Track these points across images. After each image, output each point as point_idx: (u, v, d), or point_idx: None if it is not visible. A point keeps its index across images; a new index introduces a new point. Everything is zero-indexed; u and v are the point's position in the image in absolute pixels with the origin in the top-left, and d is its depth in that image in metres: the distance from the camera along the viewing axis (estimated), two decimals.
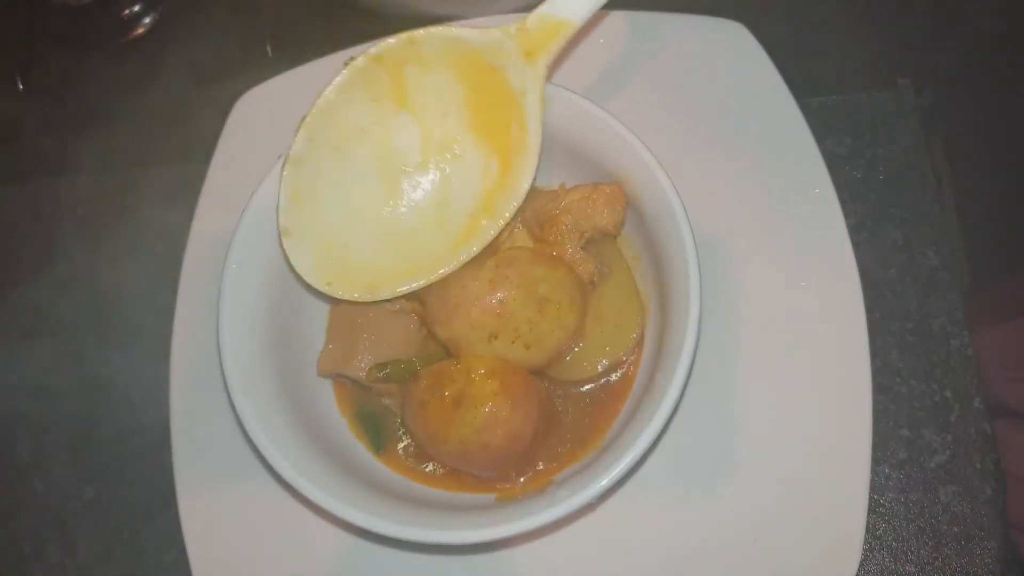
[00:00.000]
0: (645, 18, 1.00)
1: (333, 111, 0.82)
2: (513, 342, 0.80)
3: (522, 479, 0.84)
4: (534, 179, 0.83)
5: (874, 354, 0.86)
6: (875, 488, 0.90)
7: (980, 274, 1.05)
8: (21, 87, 1.22)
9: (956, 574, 0.87)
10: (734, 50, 0.97)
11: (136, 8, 1.21)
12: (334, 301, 0.87)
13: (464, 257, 0.82)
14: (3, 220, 1.15)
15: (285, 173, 0.82)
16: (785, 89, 0.95)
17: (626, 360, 0.87)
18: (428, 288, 0.83)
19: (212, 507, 0.88)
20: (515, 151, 0.83)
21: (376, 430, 0.89)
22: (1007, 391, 0.95)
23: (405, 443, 0.88)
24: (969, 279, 1.04)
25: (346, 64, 0.82)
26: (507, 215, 0.83)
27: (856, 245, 0.89)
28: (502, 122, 0.83)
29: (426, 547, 0.84)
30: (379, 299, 0.84)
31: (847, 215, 0.90)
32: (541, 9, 0.82)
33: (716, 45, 0.98)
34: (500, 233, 0.84)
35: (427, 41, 0.82)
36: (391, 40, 0.82)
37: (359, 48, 0.90)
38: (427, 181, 0.86)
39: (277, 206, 0.82)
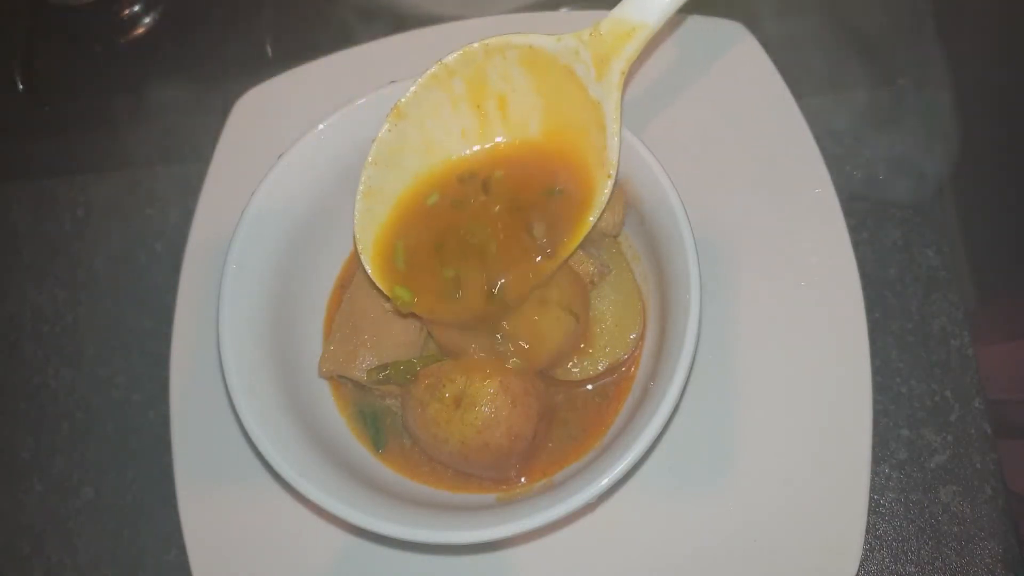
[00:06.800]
0: None
1: (418, 103, 0.81)
2: (513, 342, 0.80)
3: (522, 479, 0.84)
4: (611, 192, 0.80)
5: (874, 354, 0.86)
6: (875, 488, 0.90)
7: (980, 274, 1.05)
8: (21, 87, 1.22)
9: (956, 574, 0.87)
10: (734, 50, 0.97)
11: (136, 8, 1.21)
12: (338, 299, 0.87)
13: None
14: (3, 220, 1.15)
15: (374, 145, 0.82)
16: (785, 89, 0.95)
17: (626, 360, 0.87)
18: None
19: (212, 507, 0.88)
20: (592, 162, 0.80)
21: (376, 429, 0.89)
22: (1014, 411, 0.95)
23: (405, 443, 0.88)
24: (969, 279, 1.04)
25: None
26: (584, 228, 0.80)
27: (856, 245, 0.89)
28: (580, 130, 0.81)
29: (426, 547, 0.84)
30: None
31: (847, 215, 0.90)
32: (614, 12, 0.79)
33: (716, 45, 0.98)
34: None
35: (504, 49, 0.80)
36: (468, 48, 0.80)
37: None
38: (497, 188, 0.83)
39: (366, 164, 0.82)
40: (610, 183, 0.80)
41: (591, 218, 0.80)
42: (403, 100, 0.82)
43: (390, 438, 0.88)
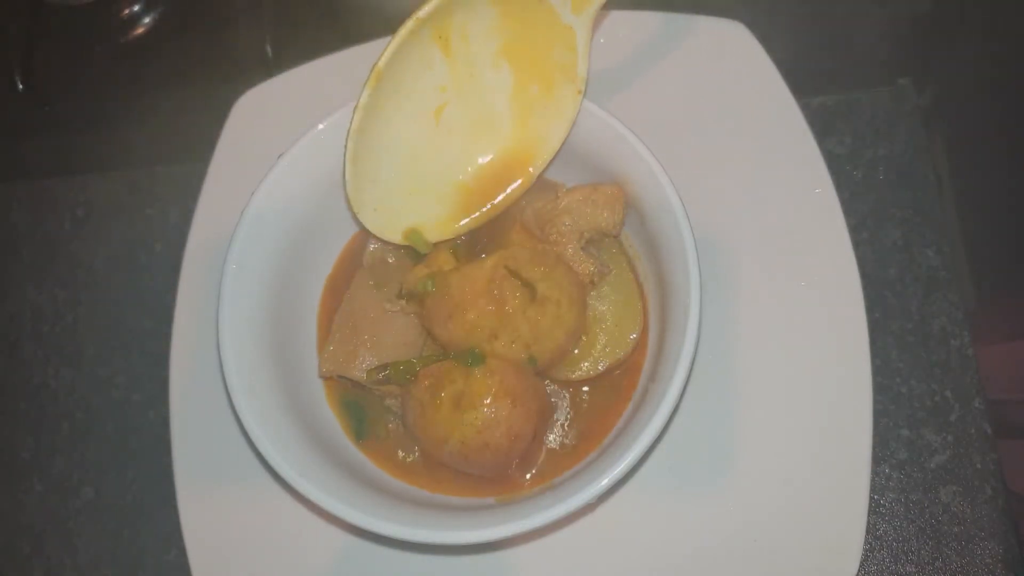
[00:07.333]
0: (645, 18, 1.00)
1: (395, 59, 0.82)
2: (513, 342, 0.80)
3: (523, 479, 0.84)
4: (578, 113, 0.84)
5: (874, 354, 0.86)
6: (875, 488, 0.90)
7: (980, 274, 1.04)
8: (21, 87, 1.22)
9: (956, 574, 0.87)
10: (734, 50, 0.97)
11: (136, 8, 1.21)
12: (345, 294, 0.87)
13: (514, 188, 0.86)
14: (3, 220, 1.15)
15: (356, 110, 0.82)
16: (785, 89, 0.95)
17: (626, 360, 0.87)
18: (428, 290, 0.83)
19: (212, 507, 0.88)
20: (560, 79, 0.84)
21: (359, 420, 0.89)
22: (1014, 411, 0.95)
23: (398, 446, 0.88)
24: (969, 279, 1.04)
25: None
26: (554, 143, 0.84)
27: (856, 245, 0.89)
28: (545, 49, 0.84)
29: (426, 547, 0.84)
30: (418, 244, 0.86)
31: (847, 215, 0.90)
32: None
33: (716, 45, 0.98)
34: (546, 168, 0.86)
35: None
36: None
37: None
38: (470, 112, 0.87)
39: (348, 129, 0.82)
40: (580, 98, 0.84)
41: (562, 131, 0.85)
42: (381, 63, 0.81)
43: (373, 428, 0.89)
